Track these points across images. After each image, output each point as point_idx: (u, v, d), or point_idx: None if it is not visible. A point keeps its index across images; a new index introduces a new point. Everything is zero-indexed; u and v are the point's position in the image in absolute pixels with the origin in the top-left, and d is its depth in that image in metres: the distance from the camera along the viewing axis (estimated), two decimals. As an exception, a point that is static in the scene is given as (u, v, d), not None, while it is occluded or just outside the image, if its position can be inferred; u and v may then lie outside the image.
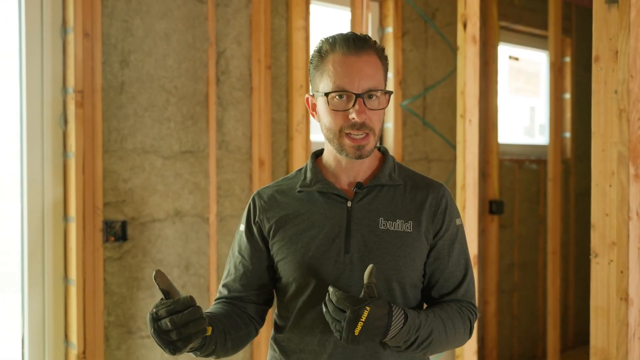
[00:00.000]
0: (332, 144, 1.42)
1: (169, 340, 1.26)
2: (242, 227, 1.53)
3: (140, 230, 2.70)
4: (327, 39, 1.41)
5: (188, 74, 2.83)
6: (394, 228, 1.42)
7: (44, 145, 2.52)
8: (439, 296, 1.48)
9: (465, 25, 2.34)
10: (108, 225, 2.59)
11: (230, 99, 2.97)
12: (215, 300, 1.55)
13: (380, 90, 1.39)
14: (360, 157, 1.40)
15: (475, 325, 2.53)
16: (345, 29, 2.88)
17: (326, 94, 1.38)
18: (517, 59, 4.69)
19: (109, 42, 2.61)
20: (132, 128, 2.68)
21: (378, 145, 1.54)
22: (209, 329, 1.32)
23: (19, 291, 2.53)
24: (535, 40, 4.74)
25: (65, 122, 2.55)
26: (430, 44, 3.85)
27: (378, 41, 3.67)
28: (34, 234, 2.51)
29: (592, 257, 1.94)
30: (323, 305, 1.32)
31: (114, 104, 2.63)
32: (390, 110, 3.65)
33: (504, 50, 4.57)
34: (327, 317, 1.30)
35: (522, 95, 4.79)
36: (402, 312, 1.32)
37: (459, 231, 1.49)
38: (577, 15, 4.83)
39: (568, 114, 4.91)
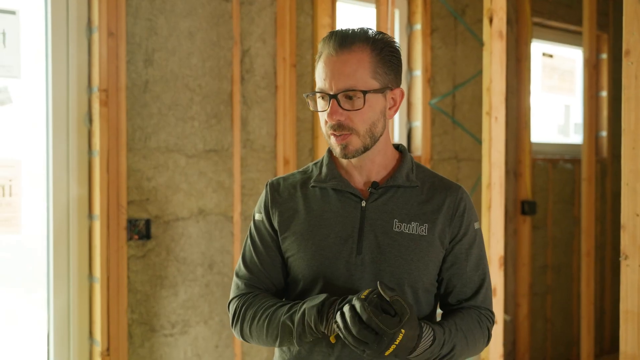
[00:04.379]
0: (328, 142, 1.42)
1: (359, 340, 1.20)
2: (259, 216, 1.48)
3: (164, 229, 2.71)
4: (322, 39, 1.39)
5: (212, 73, 2.83)
6: (409, 231, 1.38)
7: (69, 144, 2.55)
8: (456, 302, 1.45)
9: (491, 20, 2.28)
10: (132, 224, 2.61)
11: (255, 97, 2.96)
12: (248, 293, 1.45)
13: (355, 90, 1.32)
14: (345, 156, 1.37)
15: (502, 328, 2.48)
16: (371, 26, 2.83)
17: (306, 96, 1.41)
18: (551, 56, 4.57)
19: (133, 41, 2.62)
20: (156, 127, 2.68)
21: (397, 143, 1.51)
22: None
23: (44, 289, 2.55)
24: (571, 37, 4.62)
25: (90, 120, 2.57)
26: (460, 41, 3.78)
27: (406, 39, 3.64)
28: (59, 231, 2.54)
29: (621, 259, 1.86)
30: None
31: (138, 103, 2.64)
32: (419, 108, 3.59)
33: (538, 47, 4.46)
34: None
35: (557, 93, 4.67)
36: (431, 331, 1.29)
37: (477, 235, 1.46)
38: (615, 11, 4.69)
39: (605, 112, 4.77)
